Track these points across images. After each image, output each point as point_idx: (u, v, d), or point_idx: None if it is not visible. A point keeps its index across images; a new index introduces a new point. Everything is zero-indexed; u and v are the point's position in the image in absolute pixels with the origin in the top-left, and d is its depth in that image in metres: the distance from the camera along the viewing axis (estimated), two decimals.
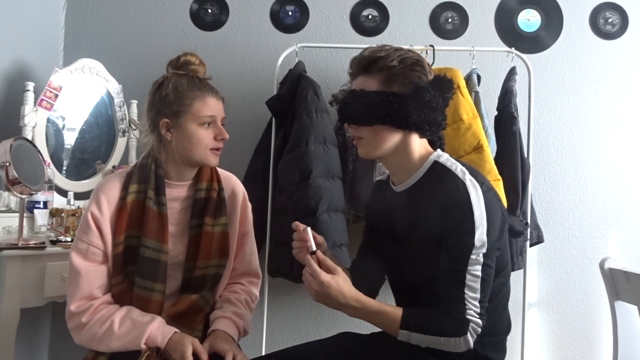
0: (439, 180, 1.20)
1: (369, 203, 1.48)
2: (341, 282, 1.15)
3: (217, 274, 1.43)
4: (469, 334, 1.12)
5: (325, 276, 1.14)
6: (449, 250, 1.15)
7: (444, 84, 1.24)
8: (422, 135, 1.25)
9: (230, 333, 1.37)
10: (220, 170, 1.53)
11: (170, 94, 1.36)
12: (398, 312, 1.17)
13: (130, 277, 1.35)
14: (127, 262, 1.35)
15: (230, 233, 1.47)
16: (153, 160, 1.41)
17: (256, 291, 1.55)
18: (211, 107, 1.39)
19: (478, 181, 1.18)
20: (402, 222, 1.27)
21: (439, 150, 1.29)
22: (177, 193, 1.43)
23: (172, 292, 1.42)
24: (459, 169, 1.20)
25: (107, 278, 1.35)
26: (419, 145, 1.26)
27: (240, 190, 1.55)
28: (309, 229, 1.27)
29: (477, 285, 1.13)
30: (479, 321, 1.13)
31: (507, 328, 1.31)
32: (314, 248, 1.23)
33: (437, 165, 1.24)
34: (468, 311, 1.13)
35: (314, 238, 1.26)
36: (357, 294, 1.17)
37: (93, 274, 1.32)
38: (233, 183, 1.55)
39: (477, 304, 1.13)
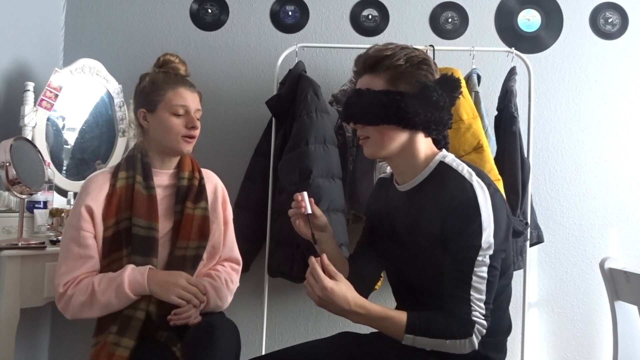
0: (445, 181, 1.20)
1: (370, 201, 1.48)
2: (344, 289, 1.14)
3: (197, 255, 1.51)
4: (474, 335, 1.12)
5: (328, 282, 1.12)
6: (455, 252, 1.15)
7: (451, 83, 1.23)
8: (428, 134, 1.25)
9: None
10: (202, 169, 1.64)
11: (147, 86, 1.50)
12: (402, 316, 1.16)
13: (119, 261, 1.42)
14: (118, 245, 1.43)
15: (214, 220, 1.56)
16: (139, 150, 1.52)
17: (236, 277, 1.63)
18: (183, 97, 1.49)
19: (485, 183, 1.17)
20: (406, 221, 1.27)
21: (444, 150, 1.29)
22: (161, 180, 1.53)
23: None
24: (465, 170, 1.20)
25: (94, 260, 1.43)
26: (424, 144, 1.25)
27: (219, 183, 1.65)
28: (305, 193, 1.32)
29: (483, 287, 1.13)
30: (484, 322, 1.13)
31: (508, 329, 1.31)
32: (310, 211, 1.30)
33: (443, 166, 1.23)
34: (474, 312, 1.12)
35: (311, 206, 1.31)
36: (360, 299, 1.16)
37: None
38: (212, 177, 1.64)
39: (482, 305, 1.13)
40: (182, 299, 1.35)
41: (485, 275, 1.13)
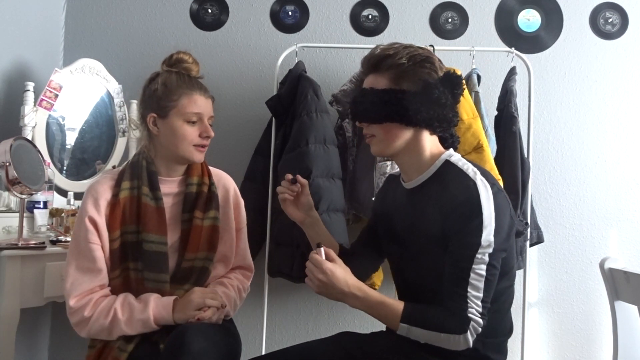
0: (449, 179, 1.21)
1: (377, 198, 1.50)
2: (344, 271, 1.18)
3: (204, 267, 1.45)
4: (469, 332, 1.12)
5: (328, 264, 1.16)
6: (455, 248, 1.16)
7: (453, 80, 1.24)
8: (432, 132, 1.26)
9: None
10: (211, 167, 1.56)
11: (159, 89, 1.40)
12: (399, 305, 1.18)
13: (126, 272, 1.38)
14: (124, 257, 1.38)
15: (225, 227, 1.50)
16: (144, 157, 1.44)
17: (248, 284, 1.59)
18: (198, 104, 1.41)
19: (489, 182, 1.18)
20: (407, 220, 1.27)
21: (451, 149, 1.30)
22: (168, 189, 1.45)
23: None
24: (470, 169, 1.21)
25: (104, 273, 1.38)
26: (430, 142, 1.26)
27: (232, 186, 1.57)
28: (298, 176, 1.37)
29: (481, 285, 1.13)
30: (480, 320, 1.13)
31: (509, 330, 1.31)
32: (294, 179, 1.35)
33: (448, 164, 1.24)
34: (470, 309, 1.12)
35: (300, 181, 1.36)
36: (359, 283, 1.19)
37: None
38: (224, 180, 1.57)
39: (479, 303, 1.13)
40: (200, 307, 1.32)
41: (483, 273, 1.13)
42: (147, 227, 1.38)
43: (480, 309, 1.13)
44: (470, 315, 1.12)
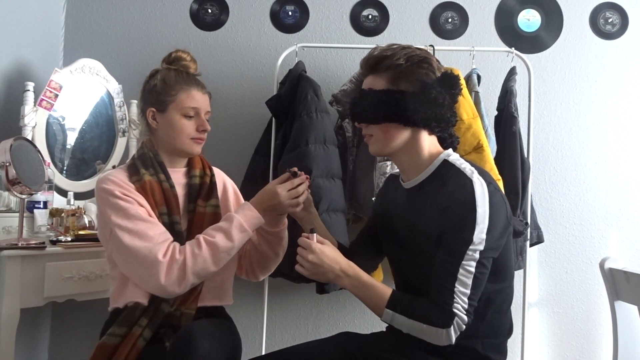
0: (447, 178, 1.21)
1: (378, 196, 1.51)
2: (333, 251, 1.22)
3: None
4: (452, 328, 1.12)
5: (317, 245, 1.20)
6: (447, 244, 1.16)
7: (450, 80, 1.25)
8: (430, 132, 1.27)
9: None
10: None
11: (159, 85, 1.46)
12: (388, 290, 1.20)
13: None
14: None
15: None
16: (149, 149, 1.48)
17: None
18: (196, 99, 1.46)
19: (486, 181, 1.18)
20: (410, 219, 1.28)
21: (449, 149, 1.30)
22: (176, 179, 1.50)
23: None
24: (467, 168, 1.21)
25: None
26: (428, 142, 1.27)
27: (228, 179, 1.65)
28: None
29: (469, 282, 1.13)
30: (465, 317, 1.12)
31: (509, 331, 1.31)
32: (296, 169, 1.39)
33: (446, 164, 1.25)
34: (455, 304, 1.12)
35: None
36: (350, 262, 1.22)
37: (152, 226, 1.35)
38: (219, 173, 1.63)
39: (465, 299, 1.13)
40: (293, 205, 1.38)
41: (472, 270, 1.13)
42: (175, 210, 1.42)
43: (466, 306, 1.13)
44: (455, 310, 1.12)
